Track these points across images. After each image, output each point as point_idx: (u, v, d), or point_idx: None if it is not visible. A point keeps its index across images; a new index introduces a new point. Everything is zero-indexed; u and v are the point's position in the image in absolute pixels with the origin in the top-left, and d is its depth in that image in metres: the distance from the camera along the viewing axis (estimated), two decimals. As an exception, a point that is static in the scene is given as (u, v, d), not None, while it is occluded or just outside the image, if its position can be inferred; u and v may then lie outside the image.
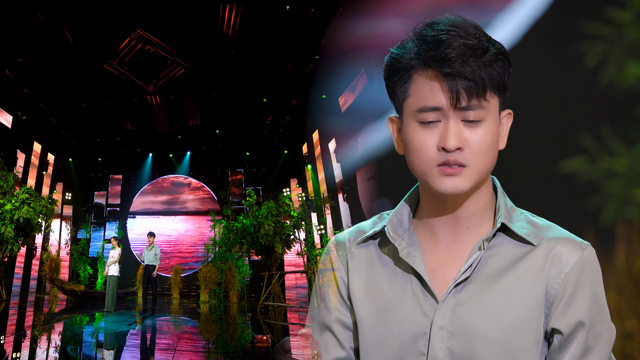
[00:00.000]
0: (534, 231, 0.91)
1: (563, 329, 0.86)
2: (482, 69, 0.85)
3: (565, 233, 0.91)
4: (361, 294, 0.98)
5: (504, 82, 0.88)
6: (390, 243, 0.98)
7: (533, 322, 0.86)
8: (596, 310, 0.87)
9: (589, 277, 0.87)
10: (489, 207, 0.95)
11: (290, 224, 15.30)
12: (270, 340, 8.53)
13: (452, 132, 0.86)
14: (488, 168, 0.89)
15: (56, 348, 7.47)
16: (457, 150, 0.87)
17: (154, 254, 12.49)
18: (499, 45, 0.88)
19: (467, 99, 0.85)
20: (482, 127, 0.87)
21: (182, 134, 19.81)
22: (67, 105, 16.54)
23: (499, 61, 0.86)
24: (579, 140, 3.22)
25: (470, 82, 0.84)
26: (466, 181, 0.87)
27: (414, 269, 0.94)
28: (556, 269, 0.87)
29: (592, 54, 3.24)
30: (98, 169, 21.82)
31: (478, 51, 0.85)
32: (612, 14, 3.20)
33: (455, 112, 0.86)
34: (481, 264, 0.91)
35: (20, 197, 12.89)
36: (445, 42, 0.85)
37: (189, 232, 21.62)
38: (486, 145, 0.87)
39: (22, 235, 13.16)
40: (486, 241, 0.91)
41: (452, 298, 0.90)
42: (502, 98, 0.90)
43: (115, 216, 21.92)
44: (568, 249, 0.88)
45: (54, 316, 11.98)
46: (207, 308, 15.03)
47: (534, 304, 0.87)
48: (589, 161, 3.20)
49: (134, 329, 9.87)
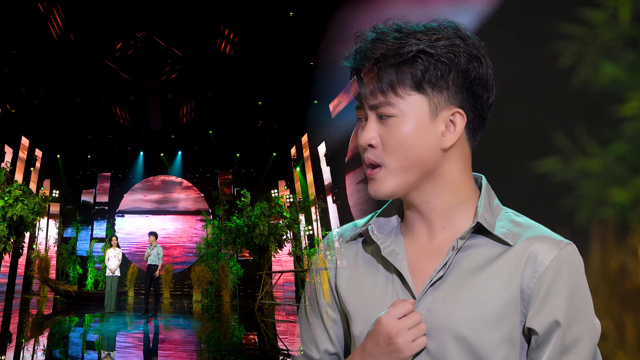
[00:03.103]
0: (513, 231, 0.91)
1: (538, 329, 0.86)
2: (394, 66, 0.88)
3: (545, 232, 0.91)
4: (346, 291, 0.99)
5: (430, 79, 0.89)
6: (374, 242, 0.99)
7: (506, 321, 0.86)
8: (574, 310, 0.86)
9: (566, 276, 0.86)
10: (465, 206, 0.95)
11: (283, 224, 15.63)
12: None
13: (365, 129, 0.91)
14: (409, 165, 0.90)
15: (82, 351, 7.40)
16: (370, 148, 0.91)
17: (156, 254, 12.49)
18: (428, 45, 0.89)
19: (372, 96, 0.90)
20: (394, 123, 0.89)
21: (174, 133, 19.84)
22: (60, 100, 16.40)
23: (421, 58, 0.88)
24: (553, 140, 3.22)
25: (375, 80, 0.89)
26: (385, 183, 0.91)
27: (395, 267, 0.94)
28: (531, 268, 0.87)
29: (567, 54, 3.24)
30: (87, 166, 21.67)
31: (394, 50, 0.89)
32: (586, 14, 3.20)
33: (370, 110, 0.91)
34: (457, 262, 0.91)
35: (13, 194, 12.55)
36: (368, 43, 0.91)
37: (178, 232, 21.55)
38: (398, 142, 0.89)
39: (14, 234, 12.83)
40: (461, 240, 0.91)
41: (429, 297, 0.91)
42: (435, 96, 0.90)
43: (103, 215, 21.79)
44: (544, 248, 0.87)
45: (57, 317, 11.90)
46: (207, 307, 15.22)
47: (507, 303, 0.86)
48: (563, 161, 3.20)
49: (143, 329, 9.83)
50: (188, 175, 22.19)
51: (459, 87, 0.90)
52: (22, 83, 14.94)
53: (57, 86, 15.59)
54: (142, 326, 10.23)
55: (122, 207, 22.05)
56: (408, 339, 0.86)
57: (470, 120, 0.93)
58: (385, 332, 0.87)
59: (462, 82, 0.90)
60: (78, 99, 15.97)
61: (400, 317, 0.87)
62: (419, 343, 0.86)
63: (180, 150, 21.73)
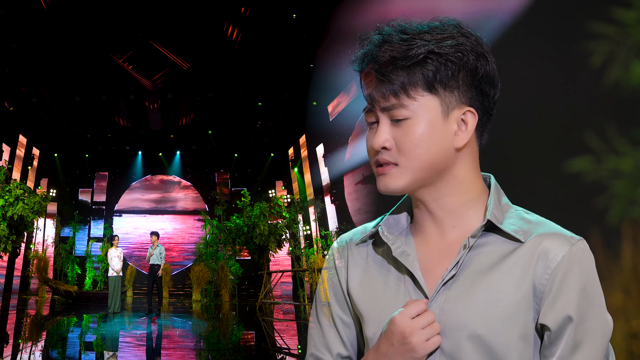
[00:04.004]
0: (523, 228, 0.91)
1: (551, 325, 0.86)
2: (405, 68, 0.89)
3: (555, 228, 0.91)
4: (358, 294, 1.00)
5: (441, 79, 0.89)
6: (385, 243, 0.99)
7: (519, 318, 0.86)
8: (586, 305, 0.86)
9: (578, 272, 0.87)
10: (476, 205, 0.95)
11: (282, 224, 15.78)
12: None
13: (378, 132, 0.91)
14: (423, 165, 0.91)
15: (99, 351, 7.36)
16: (384, 150, 0.91)
17: (158, 253, 12.48)
18: (436, 46, 0.89)
19: (384, 99, 0.90)
20: (408, 125, 0.90)
21: (174, 133, 19.83)
22: (60, 98, 16.27)
23: (431, 59, 0.89)
24: (584, 140, 3.22)
25: (387, 82, 0.89)
26: (397, 180, 0.91)
27: (407, 268, 0.95)
28: (543, 264, 0.87)
29: (598, 53, 3.24)
30: (85, 165, 21.52)
31: (402, 52, 0.89)
32: (617, 14, 3.21)
33: (382, 113, 0.92)
34: (469, 261, 0.91)
35: (14, 193, 12.36)
36: (376, 46, 0.91)
37: (176, 232, 21.48)
38: (413, 143, 0.89)
39: (14, 234, 12.63)
40: (472, 238, 0.91)
41: (441, 296, 0.91)
42: (447, 96, 0.90)
43: (101, 214, 21.66)
44: (555, 245, 0.88)
45: (59, 318, 11.81)
46: (207, 307, 15.30)
47: (520, 300, 0.87)
48: (594, 161, 3.20)
49: (151, 329, 9.80)
50: (186, 175, 22.13)
51: (468, 86, 0.91)
52: (22, 81, 14.79)
53: (56, 84, 15.47)
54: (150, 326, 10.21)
55: (119, 207, 21.93)
56: (422, 338, 0.86)
57: (479, 118, 0.94)
58: (399, 332, 0.87)
59: (472, 80, 0.91)
60: (78, 97, 15.84)
61: (414, 316, 0.87)
62: (433, 342, 0.87)
63: (178, 150, 21.69)
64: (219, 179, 22.27)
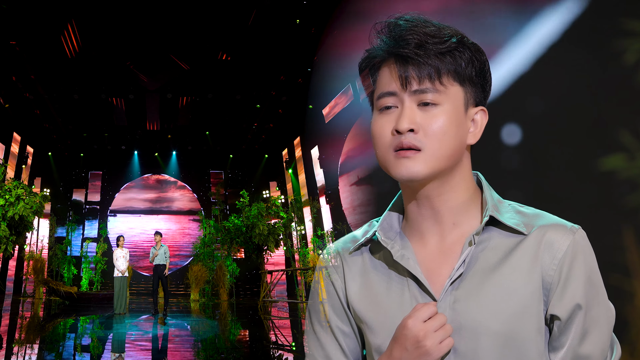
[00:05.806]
0: (523, 220, 0.91)
1: (561, 315, 0.87)
2: (438, 54, 0.88)
3: (554, 219, 0.92)
4: (360, 303, 0.98)
5: (468, 73, 0.90)
6: (382, 248, 0.98)
7: (533, 310, 0.87)
8: (592, 293, 0.87)
9: (582, 260, 0.88)
10: (473, 202, 0.96)
11: (280, 224, 15.95)
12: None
13: (405, 114, 0.88)
14: (446, 154, 0.89)
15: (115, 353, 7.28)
16: (410, 133, 0.88)
17: (163, 253, 12.31)
18: (466, 39, 0.90)
19: (418, 81, 0.88)
20: (437, 111, 0.89)
21: (171, 133, 19.79)
22: (57, 96, 16.09)
23: (460, 50, 0.89)
24: (618, 137, 3.22)
25: (423, 65, 0.87)
26: (421, 165, 0.88)
27: (409, 271, 0.94)
28: (549, 255, 0.88)
29: (631, 51, 3.25)
30: (80, 164, 21.30)
31: (436, 38, 0.88)
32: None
33: (410, 96, 0.89)
34: (474, 258, 0.91)
35: (14, 192, 12.13)
36: (405, 30, 0.89)
37: (171, 232, 21.35)
38: (442, 129, 0.88)
39: (14, 234, 12.40)
40: (476, 235, 0.91)
41: (449, 296, 0.90)
42: (468, 91, 0.91)
43: (95, 214, 21.45)
44: (559, 235, 0.88)
45: (60, 319, 11.64)
46: (206, 306, 15.28)
47: (532, 292, 0.87)
48: (628, 158, 3.21)
49: (163, 330, 9.73)
50: (182, 175, 22.04)
51: (480, 85, 0.93)
52: (19, 78, 14.61)
53: (54, 82, 15.31)
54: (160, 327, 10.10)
55: (114, 207, 21.74)
56: (436, 341, 0.86)
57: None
58: (412, 336, 0.86)
59: (483, 80, 0.93)
60: (76, 95, 15.67)
61: (426, 319, 0.87)
62: (446, 344, 0.86)
63: (174, 150, 21.60)
64: (214, 180, 22.23)
